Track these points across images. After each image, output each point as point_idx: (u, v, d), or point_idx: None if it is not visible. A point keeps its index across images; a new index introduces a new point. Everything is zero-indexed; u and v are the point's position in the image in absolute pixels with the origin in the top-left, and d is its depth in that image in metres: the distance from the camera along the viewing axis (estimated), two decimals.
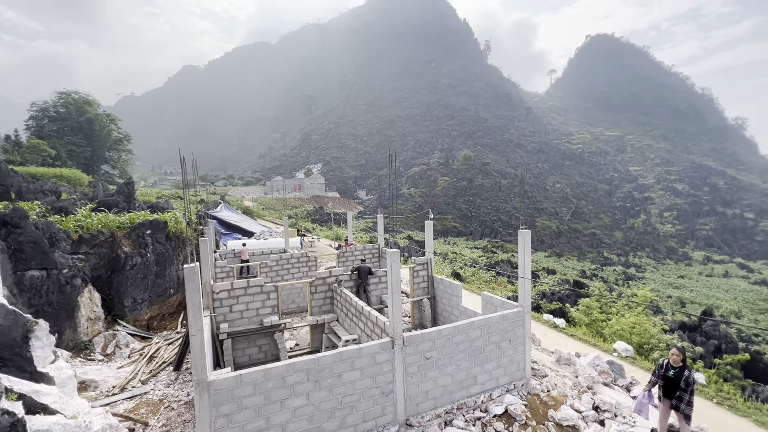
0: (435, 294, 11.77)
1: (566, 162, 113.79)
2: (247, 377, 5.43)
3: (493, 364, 7.50)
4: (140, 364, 8.84)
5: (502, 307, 8.47)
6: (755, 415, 8.38)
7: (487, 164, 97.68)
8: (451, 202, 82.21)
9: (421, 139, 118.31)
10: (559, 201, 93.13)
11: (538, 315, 15.37)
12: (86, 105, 44.04)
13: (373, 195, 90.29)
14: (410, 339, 6.61)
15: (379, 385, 6.35)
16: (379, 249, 16.35)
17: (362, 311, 8.49)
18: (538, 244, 70.27)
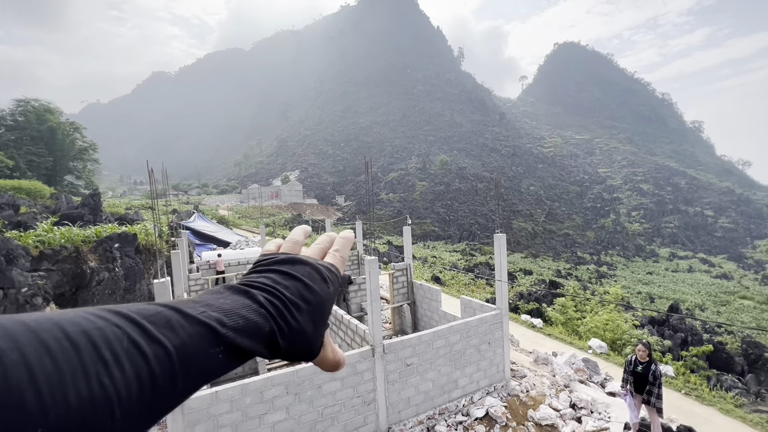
0: (415, 299, 11.80)
1: (539, 165, 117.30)
2: (223, 394, 5.26)
3: (473, 367, 7.57)
4: None
5: (480, 310, 8.58)
6: (720, 403, 8.80)
7: (464, 168, 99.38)
8: (429, 206, 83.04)
9: (399, 145, 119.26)
10: (534, 203, 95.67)
11: (516, 316, 15.67)
12: (47, 113, 41.97)
13: (352, 201, 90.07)
14: (391, 346, 6.59)
15: (360, 394, 6.29)
16: (358, 256, 16.28)
17: (342, 320, 8.41)
18: (514, 245, 71.87)
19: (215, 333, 0.35)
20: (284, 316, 0.40)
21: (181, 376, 0.31)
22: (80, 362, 0.24)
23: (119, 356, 0.27)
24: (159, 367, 0.29)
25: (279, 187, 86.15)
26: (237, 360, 0.37)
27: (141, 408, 0.27)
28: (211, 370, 0.34)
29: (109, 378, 0.25)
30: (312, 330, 0.43)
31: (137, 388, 0.27)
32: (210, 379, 0.35)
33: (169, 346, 0.30)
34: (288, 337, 0.40)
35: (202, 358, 0.33)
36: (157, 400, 0.29)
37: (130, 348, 0.28)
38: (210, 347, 0.34)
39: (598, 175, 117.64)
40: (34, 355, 0.21)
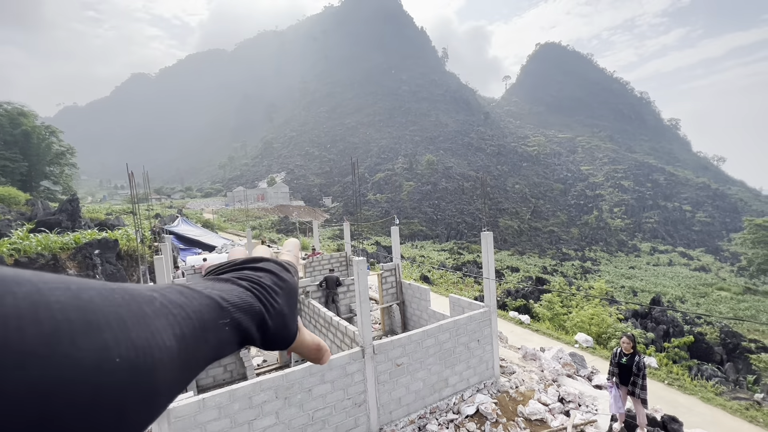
0: (404, 299, 11.81)
1: (524, 164, 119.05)
2: (211, 401, 5.16)
3: (463, 365, 7.61)
4: None
5: (469, 308, 8.64)
6: (701, 392, 9.06)
7: (450, 168, 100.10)
8: (416, 206, 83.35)
9: (385, 145, 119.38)
10: (519, 201, 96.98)
11: (504, 313, 15.84)
12: (21, 116, 40.56)
13: (339, 202, 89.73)
14: (380, 347, 6.57)
15: (351, 396, 6.25)
16: (346, 257, 16.21)
17: (331, 322, 8.36)
18: (501, 243, 72.72)
19: (220, 306, 0.39)
20: (267, 299, 0.44)
21: (202, 340, 0.35)
22: (132, 311, 0.28)
23: (156, 312, 0.30)
24: (187, 328, 0.33)
25: (265, 190, 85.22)
26: (237, 339, 0.40)
27: (180, 364, 0.31)
28: (223, 342, 0.38)
29: (155, 327, 0.29)
30: (289, 312, 0.47)
31: (176, 342, 0.31)
32: (223, 352, 0.38)
33: (189, 310, 0.34)
34: (273, 318, 0.44)
35: (214, 326, 0.37)
36: (190, 360, 0.32)
37: (162, 308, 0.31)
38: (219, 318, 0.38)
39: (581, 173, 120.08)
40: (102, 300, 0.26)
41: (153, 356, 0.28)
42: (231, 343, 0.39)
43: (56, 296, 0.24)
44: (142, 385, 0.27)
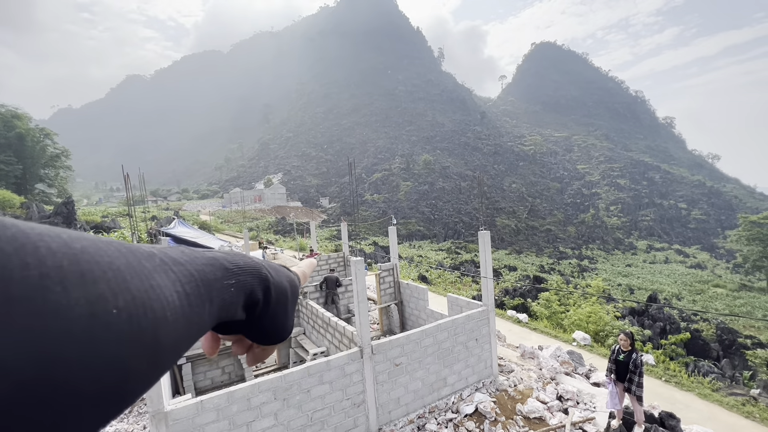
0: (402, 299, 11.82)
1: (520, 163, 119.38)
2: (209, 403, 5.14)
3: (461, 364, 7.63)
4: None
5: (467, 308, 8.66)
6: (698, 388, 9.12)
7: (447, 168, 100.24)
8: (414, 206, 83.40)
9: (382, 146, 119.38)
10: (516, 200, 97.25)
11: (502, 312, 15.88)
12: (15, 119, 40.29)
13: (337, 203, 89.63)
14: (379, 347, 6.57)
15: (349, 396, 6.24)
16: (344, 258, 16.20)
17: (329, 322, 8.35)
18: (498, 242, 72.88)
19: (225, 267, 0.39)
20: (273, 274, 0.45)
21: (206, 299, 0.34)
22: (130, 263, 0.27)
23: (156, 268, 0.29)
24: (188, 285, 0.32)
25: (262, 191, 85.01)
26: (242, 301, 0.40)
27: (184, 322, 0.30)
28: (228, 303, 0.37)
29: (155, 282, 0.28)
30: (291, 299, 0.48)
31: (177, 299, 0.30)
32: (227, 313, 0.38)
33: (191, 268, 0.33)
34: (275, 290, 0.45)
35: (219, 286, 0.36)
36: (193, 317, 0.31)
37: (162, 264, 0.30)
38: (224, 278, 0.37)
39: (577, 172, 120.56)
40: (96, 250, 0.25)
41: (154, 310, 0.27)
42: (236, 304, 0.39)
43: (46, 242, 0.22)
44: (143, 341, 0.26)
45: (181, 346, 0.30)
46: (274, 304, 0.44)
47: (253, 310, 0.42)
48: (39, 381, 0.20)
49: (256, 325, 0.44)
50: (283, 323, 0.47)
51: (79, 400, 0.22)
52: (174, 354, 0.30)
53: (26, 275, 0.20)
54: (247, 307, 0.41)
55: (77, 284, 0.22)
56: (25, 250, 0.21)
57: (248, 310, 0.42)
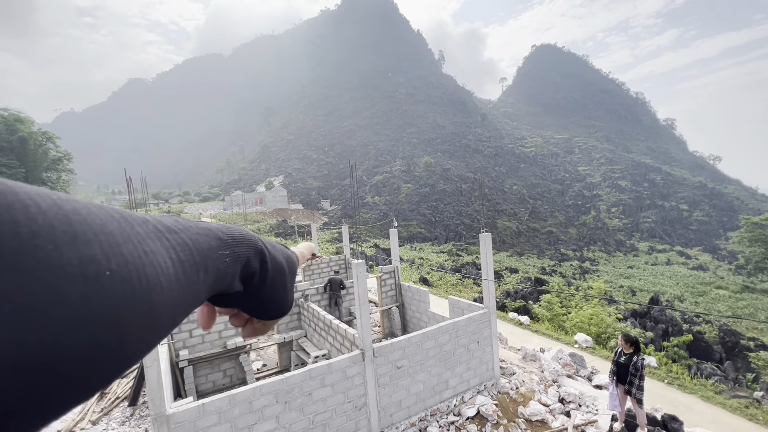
0: (404, 301, 11.81)
1: (521, 165, 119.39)
2: (211, 406, 5.14)
3: (463, 366, 7.61)
4: (89, 403, 8.11)
5: (468, 310, 8.65)
6: (701, 391, 9.08)
7: (448, 170, 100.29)
8: (415, 208, 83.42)
9: (383, 148, 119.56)
10: (517, 202, 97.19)
11: (504, 314, 15.85)
12: (18, 123, 40.49)
13: (338, 205, 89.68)
14: (380, 349, 6.57)
15: (351, 399, 6.24)
16: (345, 260, 16.21)
17: (330, 325, 8.35)
18: (500, 244, 72.81)
19: (219, 237, 0.38)
20: (269, 248, 0.45)
21: (201, 268, 0.33)
22: (122, 228, 0.26)
23: (149, 234, 0.29)
24: (182, 253, 0.31)
25: (263, 193, 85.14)
26: (238, 270, 0.40)
27: (179, 289, 0.29)
28: (223, 273, 0.37)
29: (149, 247, 0.28)
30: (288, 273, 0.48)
31: (171, 265, 0.29)
32: (223, 283, 0.37)
33: (185, 236, 0.33)
34: (272, 263, 0.44)
35: (214, 255, 0.36)
36: (188, 285, 0.31)
37: (155, 231, 0.30)
38: (219, 248, 0.37)
39: (578, 173, 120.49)
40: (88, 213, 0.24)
41: (147, 275, 0.26)
42: (231, 275, 0.38)
43: (36, 201, 0.22)
44: (138, 305, 0.25)
45: (176, 313, 0.30)
46: (271, 278, 0.44)
47: (250, 282, 0.42)
48: (33, 341, 0.20)
49: (254, 299, 0.44)
50: (282, 297, 0.47)
51: (74, 361, 0.22)
52: (169, 321, 0.29)
53: (16, 232, 0.20)
54: (243, 280, 0.41)
55: (69, 244, 0.22)
56: (15, 208, 0.20)
57: (245, 283, 0.41)
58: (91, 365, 0.23)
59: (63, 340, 0.21)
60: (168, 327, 0.29)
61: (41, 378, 0.20)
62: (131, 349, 0.25)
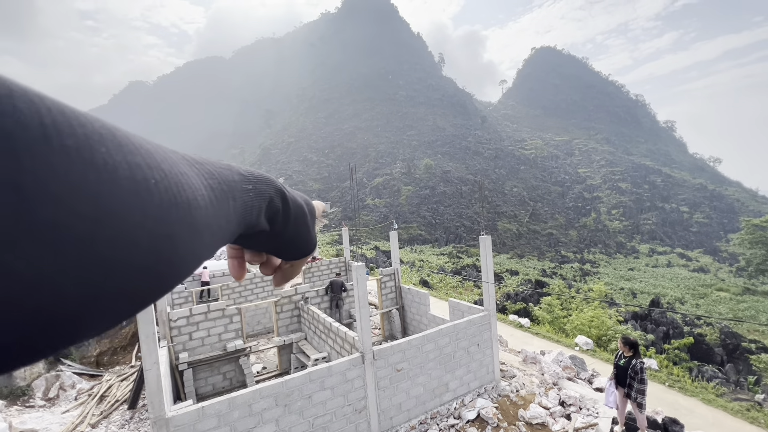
0: (404, 304, 11.80)
1: (521, 167, 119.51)
2: (210, 409, 5.13)
3: (463, 369, 7.60)
4: (89, 406, 8.10)
5: (468, 312, 8.64)
6: (702, 393, 9.05)
7: (448, 172, 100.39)
8: (415, 210, 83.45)
9: (383, 150, 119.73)
10: (518, 204, 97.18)
11: (504, 316, 15.82)
12: None
13: (338, 207, 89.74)
14: (380, 352, 6.56)
15: (351, 402, 6.23)
16: (346, 262, 16.21)
17: (330, 327, 8.34)
18: (500, 246, 72.78)
19: (240, 173, 0.40)
20: (286, 187, 0.46)
21: (230, 196, 0.34)
22: (158, 149, 0.28)
23: (180, 160, 0.30)
24: (211, 180, 0.32)
25: None
26: (264, 205, 0.40)
27: (213, 210, 0.30)
28: (248, 205, 0.37)
29: (183, 169, 0.29)
30: (309, 213, 0.49)
31: (203, 188, 0.30)
32: (251, 217, 0.38)
33: (210, 168, 0.33)
34: (293, 202, 0.45)
35: (239, 188, 0.37)
36: (220, 208, 0.32)
37: (184, 159, 0.31)
38: (242, 182, 0.38)
39: (579, 175, 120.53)
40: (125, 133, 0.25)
41: (186, 191, 0.27)
42: (258, 208, 0.39)
43: (83, 114, 0.23)
44: (182, 215, 0.26)
45: (214, 233, 0.31)
46: (294, 215, 0.45)
47: (275, 220, 0.42)
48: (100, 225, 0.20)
49: (281, 237, 0.44)
50: (306, 236, 0.48)
51: (138, 258, 0.23)
52: (209, 240, 0.30)
53: (73, 132, 0.20)
54: (269, 218, 0.41)
55: (117, 150, 0.23)
56: (66, 113, 0.21)
57: (271, 222, 0.42)
58: (149, 269, 0.24)
59: (126, 237, 0.22)
60: (209, 246, 0.30)
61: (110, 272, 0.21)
62: (182, 257, 0.26)
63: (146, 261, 0.23)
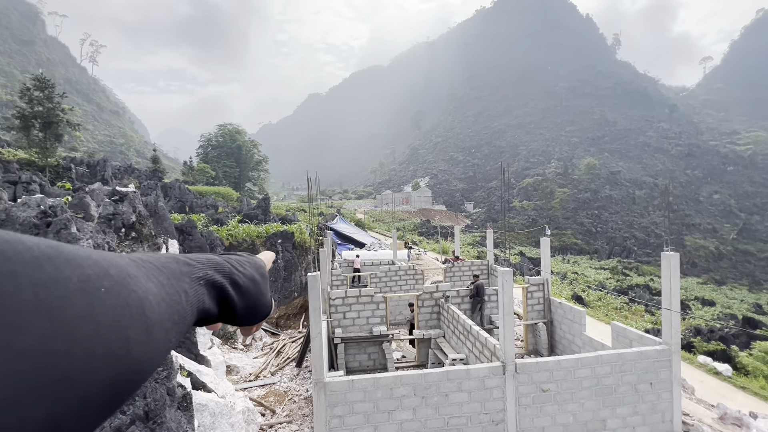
0: (552, 318, 10.68)
1: (728, 167, 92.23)
2: (358, 383, 5.73)
3: (627, 408, 6.40)
4: (270, 357, 10.11)
5: (639, 342, 7.22)
6: None
7: (617, 173, 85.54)
8: (570, 216, 74.19)
9: (535, 148, 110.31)
10: (719, 215, 75.72)
11: (690, 356, 12.60)
12: (237, 134, 53.48)
13: (482, 208, 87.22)
14: (524, 366, 6.11)
15: (488, 411, 6.01)
16: (488, 265, 15.65)
17: (470, 330, 8.21)
18: (688, 267, 58.08)
19: (188, 263, 0.41)
20: (235, 264, 0.48)
21: (181, 290, 0.36)
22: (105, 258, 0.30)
23: (129, 263, 0.32)
24: (160, 276, 0.34)
25: (410, 193, 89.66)
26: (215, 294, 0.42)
27: (166, 307, 0.33)
28: (201, 295, 0.40)
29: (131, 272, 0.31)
30: (261, 280, 0.51)
31: (155, 286, 0.32)
32: (203, 305, 0.40)
33: (157, 263, 0.36)
34: (244, 280, 0.48)
35: (189, 280, 0.39)
36: (173, 304, 0.34)
37: (131, 262, 0.33)
38: (190, 273, 0.40)
39: None
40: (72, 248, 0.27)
41: (136, 291, 0.29)
42: (209, 297, 0.41)
43: (27, 238, 0.25)
44: (135, 316, 0.28)
45: (169, 330, 0.32)
46: (245, 291, 0.47)
47: (230, 301, 0.45)
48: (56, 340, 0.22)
49: (238, 313, 0.46)
50: (262, 302, 0.50)
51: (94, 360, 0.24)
52: (164, 337, 0.31)
53: (21, 256, 0.22)
54: (220, 300, 0.44)
55: (65, 265, 0.25)
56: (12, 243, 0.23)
57: (223, 302, 0.44)
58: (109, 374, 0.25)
59: (81, 347, 0.23)
60: (165, 343, 0.31)
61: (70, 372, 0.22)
62: (138, 359, 0.28)
63: (104, 366, 0.24)
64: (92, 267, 0.27)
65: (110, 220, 7.24)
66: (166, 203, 13.87)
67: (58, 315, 0.22)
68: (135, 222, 7.67)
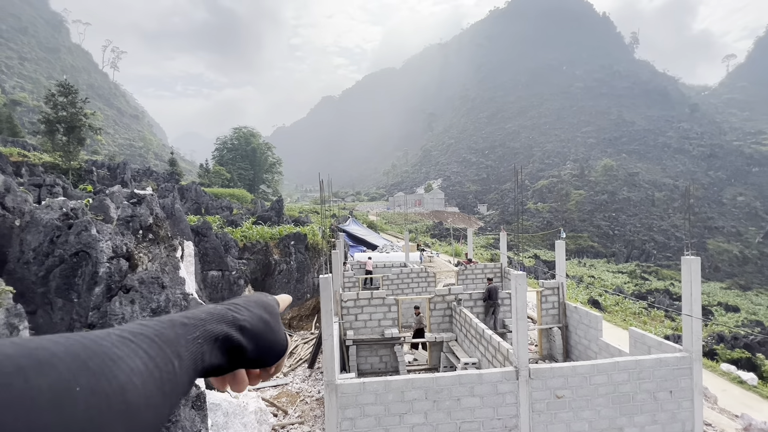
0: (567, 323, 10.47)
1: (754, 168, 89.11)
2: (370, 386, 5.72)
3: (646, 417, 6.23)
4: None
5: (658, 349, 7.02)
6: None
7: (635, 174, 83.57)
8: (586, 218, 72.77)
9: (550, 150, 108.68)
10: (744, 218, 73.17)
11: (713, 363, 12.19)
12: (251, 137, 54.27)
13: (495, 210, 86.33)
14: (538, 372, 6.01)
15: (501, 417, 5.92)
16: (501, 268, 15.46)
17: (483, 334, 8.11)
18: (710, 272, 56.30)
19: (183, 324, 0.42)
20: (240, 308, 0.49)
21: (174, 357, 0.37)
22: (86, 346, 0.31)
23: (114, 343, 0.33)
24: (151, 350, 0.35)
25: (422, 195, 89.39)
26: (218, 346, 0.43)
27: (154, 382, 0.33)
28: (200, 353, 0.41)
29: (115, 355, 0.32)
30: (271, 320, 0.51)
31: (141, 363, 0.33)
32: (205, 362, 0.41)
33: (149, 333, 0.37)
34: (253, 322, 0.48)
35: (183, 342, 0.39)
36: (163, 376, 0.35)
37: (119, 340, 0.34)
38: (186, 334, 0.40)
39: None
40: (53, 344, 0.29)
41: (117, 378, 0.30)
42: (212, 352, 0.42)
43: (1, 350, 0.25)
44: (114, 408, 0.28)
45: (158, 405, 0.33)
46: (256, 334, 0.47)
47: (240, 349, 0.45)
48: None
49: (253, 357, 0.47)
50: (275, 341, 0.50)
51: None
52: (153, 413, 0.32)
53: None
54: (228, 349, 0.44)
55: (37, 374, 0.25)
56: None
57: (232, 350, 0.44)
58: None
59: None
60: (154, 418, 0.32)
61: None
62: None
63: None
64: (68, 364, 0.27)
65: (128, 222, 7.44)
66: (182, 205, 14.17)
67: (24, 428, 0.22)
68: (152, 224, 7.86)
